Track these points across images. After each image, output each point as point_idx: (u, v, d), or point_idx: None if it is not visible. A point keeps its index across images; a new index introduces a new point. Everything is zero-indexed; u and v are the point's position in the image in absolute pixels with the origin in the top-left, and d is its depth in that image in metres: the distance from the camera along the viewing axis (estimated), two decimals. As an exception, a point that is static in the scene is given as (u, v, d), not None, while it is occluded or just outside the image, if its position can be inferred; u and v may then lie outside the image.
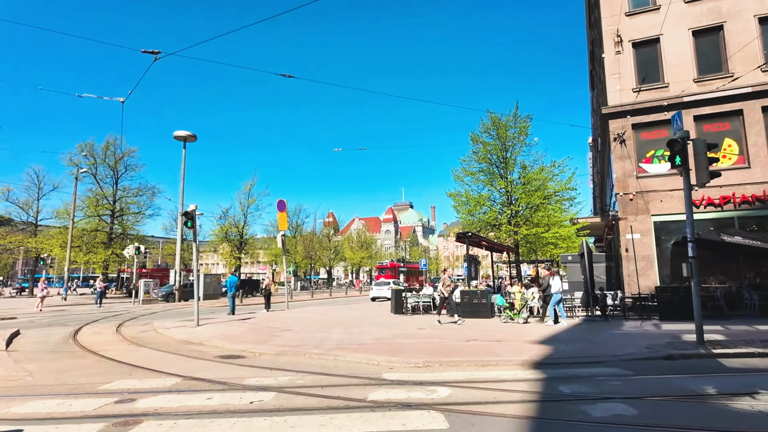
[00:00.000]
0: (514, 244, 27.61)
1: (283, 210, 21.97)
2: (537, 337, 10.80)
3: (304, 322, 15.54)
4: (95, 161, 42.13)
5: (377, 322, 15.50)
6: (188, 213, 14.31)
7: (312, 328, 13.37)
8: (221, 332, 12.74)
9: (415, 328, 13.47)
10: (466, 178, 28.93)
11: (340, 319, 16.38)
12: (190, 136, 33.85)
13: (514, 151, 27.86)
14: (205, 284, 33.10)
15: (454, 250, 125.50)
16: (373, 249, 79.86)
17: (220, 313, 19.97)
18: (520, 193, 26.32)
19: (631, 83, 19.80)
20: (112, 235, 43.42)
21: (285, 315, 18.44)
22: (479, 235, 19.55)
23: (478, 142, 28.83)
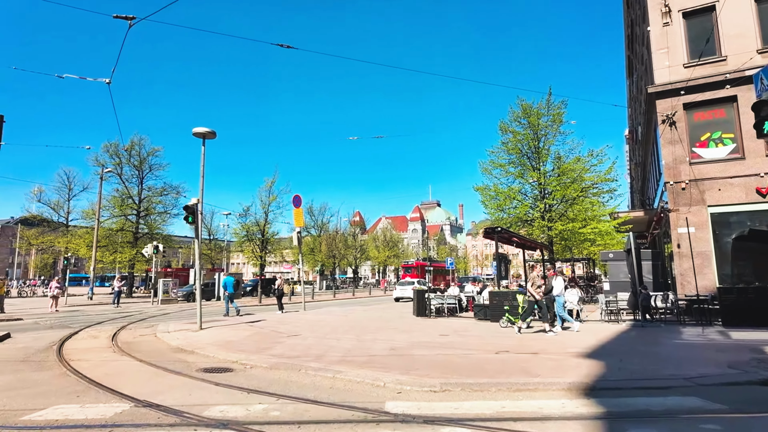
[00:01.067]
0: (547, 241, 25.57)
1: (299, 206, 20.73)
2: (580, 348, 9.06)
3: (317, 325, 14.19)
4: (120, 161, 42.14)
5: (396, 326, 13.99)
6: (188, 207, 13.17)
7: (321, 334, 11.99)
8: (222, 337, 11.52)
9: (436, 334, 11.89)
10: (495, 170, 27.07)
11: (355, 323, 14.97)
12: (209, 132, 33.02)
13: (547, 140, 25.82)
14: (225, 284, 32.36)
15: (483, 249, 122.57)
16: (399, 248, 78.24)
17: (235, 315, 18.88)
18: (554, 186, 24.26)
19: (681, 58, 17.58)
20: (138, 235, 43.43)
21: (298, 317, 17.17)
22: (510, 231, 17.76)
23: (508, 132, 26.91)
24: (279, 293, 21.06)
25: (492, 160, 27.07)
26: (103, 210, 42.12)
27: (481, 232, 32.72)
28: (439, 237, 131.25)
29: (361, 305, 26.20)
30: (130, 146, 42.51)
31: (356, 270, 70.29)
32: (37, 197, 47.44)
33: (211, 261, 67.82)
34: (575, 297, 15.81)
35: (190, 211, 13.13)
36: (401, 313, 19.21)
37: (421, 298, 17.92)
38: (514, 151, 25.99)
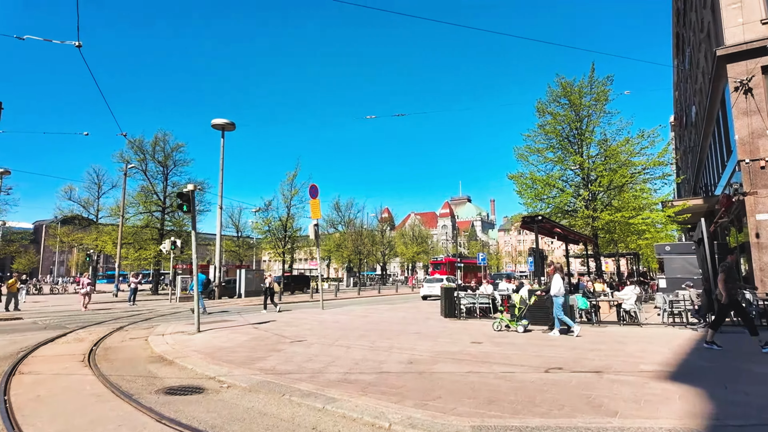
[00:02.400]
0: (591, 233, 23.02)
1: (316, 197, 19.05)
2: (655, 364, 6.92)
3: (329, 328, 12.44)
4: (144, 157, 41.83)
5: (419, 329, 12.06)
6: (183, 194, 11.64)
7: (330, 339, 10.21)
8: (215, 343, 9.92)
9: (467, 341, 9.91)
10: (532, 156, 24.69)
11: (374, 325, 13.13)
12: (228, 124, 32.26)
13: (590, 120, 23.27)
14: (247, 281, 31.29)
15: (516, 245, 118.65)
16: (428, 244, 76.04)
17: (250, 313, 17.43)
18: (600, 171, 21.69)
19: (758, 13, 14.85)
20: (163, 231, 43.06)
21: (312, 318, 15.49)
22: (552, 221, 15.51)
23: (546, 113, 24.49)
24: (270, 292, 19.44)
25: (528, 146, 24.71)
26: (129, 207, 41.96)
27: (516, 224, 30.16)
28: (470, 233, 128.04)
29: (386, 304, 24.36)
30: (154, 142, 42.15)
31: (384, 267, 68.57)
32: (68, 195, 47.88)
33: (239, 258, 67.55)
34: (632, 296, 13.45)
35: (184, 199, 11.59)
36: (428, 313, 17.25)
37: (449, 297, 15.92)
38: (554, 134, 23.56)
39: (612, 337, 10.28)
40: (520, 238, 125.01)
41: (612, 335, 10.70)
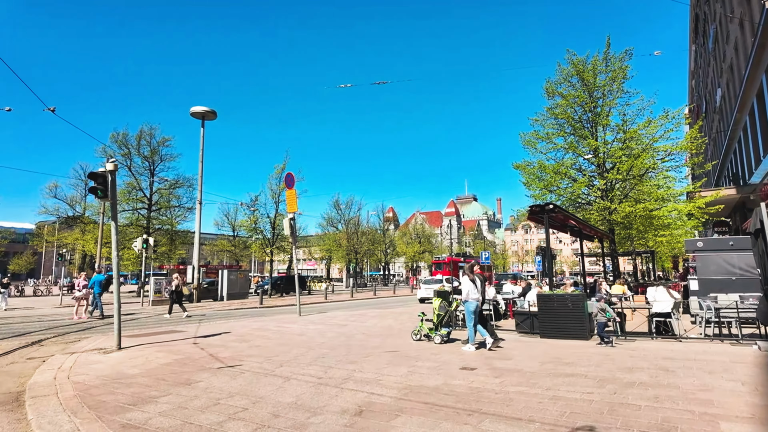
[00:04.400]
0: (607, 228, 20.37)
1: (292, 186, 16.61)
2: (739, 413, 4.36)
3: (286, 344, 9.95)
4: (129, 152, 39.64)
5: (399, 346, 9.54)
6: (96, 175, 9.19)
7: (274, 363, 7.72)
8: (122, 368, 7.48)
9: (457, 364, 7.40)
10: (540, 143, 22.11)
11: (345, 339, 10.63)
12: (208, 112, 29.65)
13: (606, 101, 20.60)
14: (229, 282, 28.91)
15: (523, 244, 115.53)
16: (432, 243, 73.41)
17: (213, 321, 14.98)
18: (618, 156, 19.02)
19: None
20: (149, 230, 40.84)
21: (278, 327, 13.02)
22: (565, 211, 12.92)
23: (556, 95, 21.89)
24: (177, 295, 17.39)
25: (536, 131, 22.13)
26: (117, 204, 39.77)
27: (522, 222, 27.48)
28: (476, 232, 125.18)
29: (377, 308, 21.84)
30: (139, 135, 39.96)
31: (385, 267, 66.02)
32: (53, 193, 45.83)
33: (236, 258, 65.35)
34: (669, 302, 10.83)
35: (99, 181, 9.14)
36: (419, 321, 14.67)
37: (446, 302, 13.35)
38: (565, 117, 20.93)
39: (651, 360, 7.69)
40: (527, 237, 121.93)
41: (649, 355, 8.11)
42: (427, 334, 10.34)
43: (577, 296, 10.95)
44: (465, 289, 9.25)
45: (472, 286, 9.24)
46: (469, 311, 9.18)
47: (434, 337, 10.07)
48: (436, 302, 10.38)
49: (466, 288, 9.24)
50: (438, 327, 10.17)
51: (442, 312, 10.21)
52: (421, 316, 10.88)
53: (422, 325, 10.52)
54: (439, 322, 10.19)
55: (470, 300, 9.17)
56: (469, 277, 9.35)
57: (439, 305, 10.28)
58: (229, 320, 15.99)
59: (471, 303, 9.17)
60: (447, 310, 10.23)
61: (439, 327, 10.16)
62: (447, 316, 10.22)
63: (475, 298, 9.19)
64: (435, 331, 10.16)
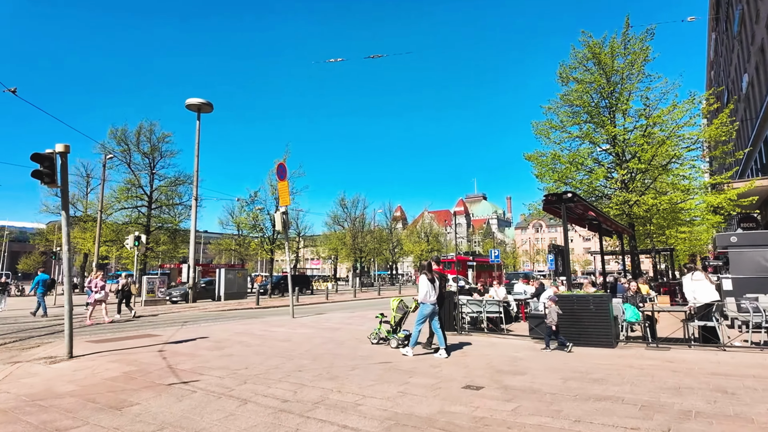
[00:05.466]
0: (627, 223, 18.82)
1: (284, 178, 15.34)
2: None
3: (263, 353, 8.66)
4: (128, 148, 38.73)
5: (393, 354, 8.19)
6: (42, 157, 7.94)
7: (240, 378, 6.41)
8: (56, 384, 6.25)
9: (459, 381, 6.05)
10: (554, 132, 20.59)
11: (334, 346, 9.31)
12: (204, 104, 28.47)
13: (624, 86, 19.03)
14: (227, 282, 27.74)
15: (534, 243, 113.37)
16: (441, 242, 71.86)
17: (196, 324, 13.74)
18: (640, 144, 17.45)
19: None
20: (149, 228, 39.93)
21: (263, 331, 11.74)
22: (585, 201, 11.47)
23: (570, 80, 20.35)
24: (124, 295, 16.93)
25: (549, 120, 20.62)
26: (115, 202, 38.94)
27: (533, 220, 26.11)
28: (485, 231, 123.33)
29: (378, 309, 20.40)
30: (138, 131, 39.05)
31: (392, 266, 64.65)
32: (54, 191, 45.16)
33: (241, 257, 64.38)
34: (712, 292, 9.30)
35: (46, 165, 7.91)
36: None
37: (447, 304, 11.98)
38: (580, 104, 19.39)
39: (698, 377, 6.26)
40: (538, 236, 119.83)
41: (694, 370, 6.68)
42: (386, 337, 9.45)
43: (601, 297, 9.51)
44: (422, 290, 8.22)
45: (430, 286, 8.21)
46: (422, 314, 8.24)
47: (391, 341, 9.18)
48: (394, 302, 9.57)
49: (424, 289, 8.21)
50: (397, 329, 9.33)
51: (399, 313, 9.37)
52: (379, 317, 9.94)
53: (380, 327, 9.69)
54: (397, 324, 9.36)
55: (427, 302, 8.20)
56: (427, 277, 8.27)
57: (397, 306, 9.48)
58: (215, 323, 14.76)
59: (427, 306, 8.20)
60: (405, 310, 9.42)
61: (398, 329, 9.33)
62: (405, 317, 9.41)
63: (433, 301, 8.25)
64: (392, 334, 9.28)
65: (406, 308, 9.47)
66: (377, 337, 9.59)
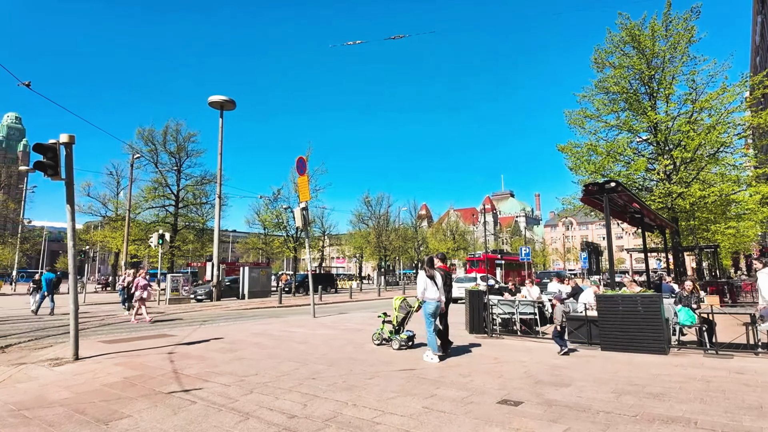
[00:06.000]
0: (669, 217, 17.48)
1: (304, 173, 14.77)
2: None
3: (278, 356, 8.05)
4: (155, 147, 39.22)
5: (419, 359, 7.44)
6: (45, 148, 7.53)
7: (248, 386, 5.79)
8: (50, 391, 5.80)
9: (494, 393, 5.25)
10: (589, 122, 19.42)
11: (354, 349, 8.64)
12: (227, 101, 28.15)
13: (667, 70, 17.70)
14: (251, 280, 27.51)
15: (564, 242, 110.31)
16: (467, 240, 70.52)
17: (215, 323, 13.33)
18: (685, 132, 16.12)
19: None
20: (176, 227, 40.34)
21: (281, 332, 11.18)
22: (630, 191, 10.42)
23: (606, 66, 19.16)
24: (128, 293, 16.69)
25: (584, 109, 19.45)
26: (143, 201, 39.48)
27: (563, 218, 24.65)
28: (513, 229, 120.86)
29: (404, 309, 19.74)
30: (165, 131, 39.49)
31: (418, 265, 63.72)
32: (86, 191, 46.20)
33: (267, 256, 64.72)
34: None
35: (49, 156, 7.50)
36: (448, 325, 12.50)
37: (476, 304, 11.14)
38: (617, 90, 18.17)
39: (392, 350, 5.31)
40: (568, 233, 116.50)
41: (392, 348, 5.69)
42: (388, 337, 8.93)
43: (651, 297, 8.49)
44: (420, 286, 7.66)
45: (429, 283, 7.62)
46: (427, 313, 7.59)
47: (393, 342, 8.66)
48: (396, 301, 8.97)
49: (421, 285, 7.64)
50: (400, 329, 8.75)
51: (402, 313, 8.77)
52: (382, 317, 9.32)
53: (383, 328, 9.15)
54: (399, 324, 8.77)
55: (427, 300, 7.59)
56: (426, 273, 7.72)
57: (399, 305, 8.87)
58: (235, 322, 14.34)
59: (429, 303, 7.59)
60: (408, 310, 8.81)
61: (401, 329, 8.76)
62: (409, 317, 8.85)
63: (434, 297, 7.64)
64: (394, 335, 8.71)
65: (409, 307, 8.84)
66: (380, 337, 9.12)
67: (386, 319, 9.21)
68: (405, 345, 8.54)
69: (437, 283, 7.70)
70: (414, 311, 8.74)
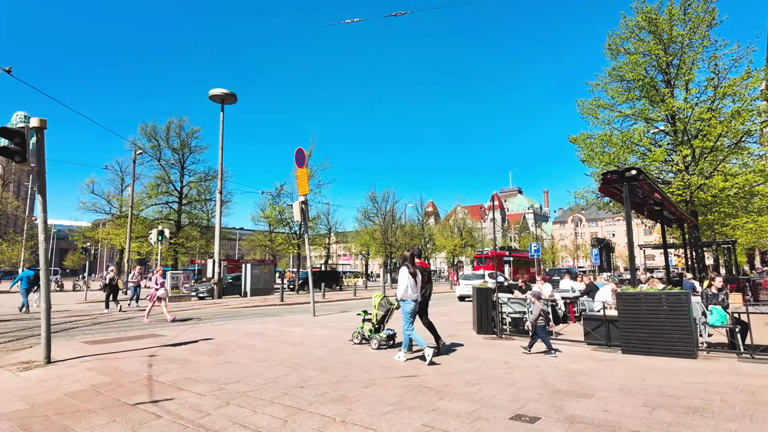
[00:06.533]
0: (689, 211, 16.59)
1: (303, 165, 14.07)
2: None
3: (266, 360, 7.38)
4: (158, 144, 38.77)
5: (418, 368, 6.71)
6: (12, 132, 6.90)
7: (223, 398, 5.11)
8: (5, 401, 5.11)
9: (506, 407, 4.50)
10: (602, 111, 18.57)
11: (354, 350, 7.93)
12: (228, 95, 27.61)
13: (686, 55, 16.78)
14: (253, 277, 26.95)
15: (573, 239, 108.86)
16: (475, 237, 69.53)
17: (210, 323, 12.70)
18: (706, 120, 15.23)
19: None
20: (180, 224, 39.92)
21: (275, 332, 10.51)
22: (651, 180, 9.61)
23: (620, 53, 18.28)
24: (112, 289, 16.49)
25: (597, 98, 18.61)
26: (145, 198, 39.11)
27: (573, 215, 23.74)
28: (521, 226, 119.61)
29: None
30: (167, 127, 39.02)
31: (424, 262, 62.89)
32: (90, 188, 45.91)
33: (273, 253, 64.21)
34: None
35: (17, 141, 6.86)
36: (454, 326, 11.87)
37: (485, 303, 10.40)
38: (633, 78, 17.30)
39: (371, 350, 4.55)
40: (578, 230, 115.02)
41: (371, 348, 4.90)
42: (368, 336, 8.53)
43: (678, 295, 7.70)
44: (402, 285, 7.25)
45: (411, 281, 7.24)
46: (406, 312, 7.28)
47: (371, 341, 8.28)
48: (376, 298, 8.59)
49: (404, 283, 7.23)
50: (380, 328, 8.42)
51: (381, 311, 8.42)
52: (361, 315, 8.92)
53: (363, 326, 8.75)
54: (379, 323, 8.42)
55: (407, 299, 7.24)
56: (408, 270, 7.27)
57: (379, 302, 8.49)
58: (230, 321, 13.72)
59: (408, 302, 7.26)
60: (388, 308, 8.44)
61: (381, 328, 8.42)
62: (389, 315, 8.48)
63: (414, 296, 7.28)
64: (374, 334, 8.35)
65: (390, 305, 8.44)
66: (360, 336, 8.70)
67: (366, 317, 8.78)
68: (385, 344, 8.17)
69: (417, 282, 7.35)
70: (394, 309, 8.37)
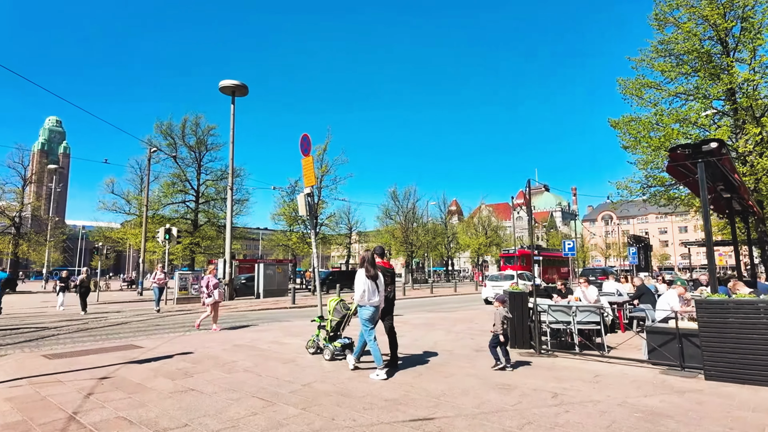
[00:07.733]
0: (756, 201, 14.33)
1: (308, 153, 12.49)
2: None
3: (243, 387, 5.81)
4: (174, 141, 38.05)
5: (443, 392, 4.99)
6: None
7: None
8: None
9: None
10: (648, 91, 16.46)
11: (349, 377, 6.29)
12: (239, 86, 26.23)
13: (752, 19, 14.57)
14: (266, 278, 25.67)
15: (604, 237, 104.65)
16: (500, 236, 67.01)
17: (234, 327, 11.30)
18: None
19: None
20: (197, 223, 39.17)
21: (271, 343, 8.95)
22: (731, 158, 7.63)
23: (668, 24, 16.15)
24: (82, 290, 16.28)
25: (641, 76, 16.50)
26: (163, 197, 38.49)
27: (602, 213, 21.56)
28: (549, 223, 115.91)
29: (428, 311, 17.34)
30: (183, 125, 38.26)
31: (448, 261, 60.83)
32: (110, 188, 45.72)
33: (293, 253, 63.28)
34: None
35: None
36: (482, 333, 10.05)
37: (519, 311, 8.58)
38: (686, 50, 15.16)
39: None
40: (608, 228, 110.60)
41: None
42: (323, 345, 7.56)
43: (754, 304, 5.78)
44: (358, 289, 6.30)
45: (368, 284, 6.28)
46: (364, 319, 6.37)
47: (324, 351, 7.43)
48: (332, 303, 7.64)
49: (360, 287, 6.28)
50: (335, 336, 7.47)
51: (337, 317, 7.45)
52: (317, 321, 7.98)
53: (318, 334, 7.77)
54: (334, 330, 7.48)
55: (365, 304, 6.32)
56: (367, 273, 6.30)
57: (334, 307, 7.53)
58: (227, 328, 12.29)
59: (367, 308, 6.34)
60: (344, 313, 7.47)
61: (336, 336, 7.48)
62: (346, 321, 7.51)
63: (374, 302, 6.34)
64: (328, 343, 7.41)
65: (346, 310, 7.48)
66: (314, 345, 7.84)
67: (321, 324, 7.75)
68: (340, 354, 7.24)
69: (378, 285, 6.39)
70: (351, 315, 7.43)
